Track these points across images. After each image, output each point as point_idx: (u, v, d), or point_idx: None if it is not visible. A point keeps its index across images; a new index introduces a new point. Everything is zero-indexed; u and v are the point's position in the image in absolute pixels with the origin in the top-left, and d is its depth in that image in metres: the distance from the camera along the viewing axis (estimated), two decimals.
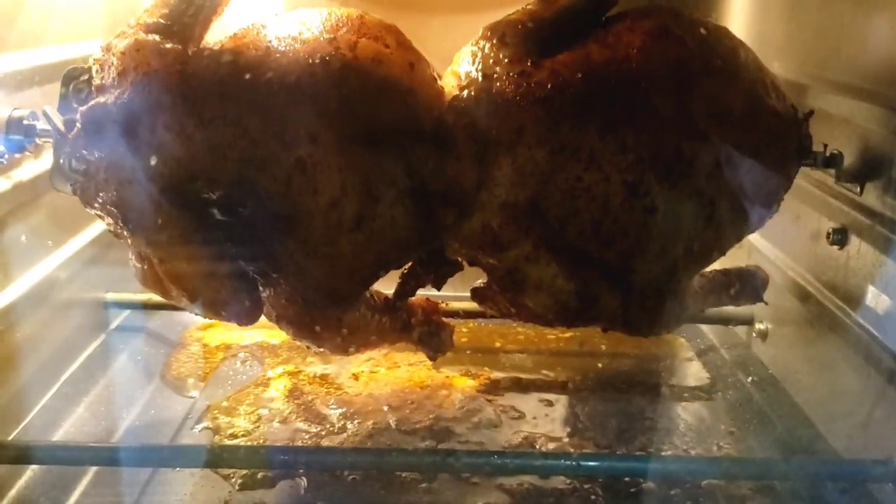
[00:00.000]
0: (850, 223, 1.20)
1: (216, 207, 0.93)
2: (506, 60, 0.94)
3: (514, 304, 1.04)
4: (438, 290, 1.12)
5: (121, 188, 0.91)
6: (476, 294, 1.11)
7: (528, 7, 0.99)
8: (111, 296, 1.49)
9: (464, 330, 1.57)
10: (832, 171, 1.17)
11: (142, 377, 1.39)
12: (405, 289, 1.11)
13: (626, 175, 0.91)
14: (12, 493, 1.06)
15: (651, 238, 0.95)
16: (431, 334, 1.21)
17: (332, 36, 0.91)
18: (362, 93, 0.89)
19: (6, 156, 1.10)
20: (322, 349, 1.09)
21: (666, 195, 0.93)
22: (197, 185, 0.90)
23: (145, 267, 1.03)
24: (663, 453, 1.20)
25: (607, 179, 0.92)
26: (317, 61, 0.88)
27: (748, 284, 1.22)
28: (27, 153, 1.15)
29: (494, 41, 0.96)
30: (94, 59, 0.97)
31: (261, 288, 1.03)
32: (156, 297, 1.54)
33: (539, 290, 0.98)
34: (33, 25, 1.20)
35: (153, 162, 0.89)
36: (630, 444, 1.23)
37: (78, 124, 0.93)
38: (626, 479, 1.12)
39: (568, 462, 1.02)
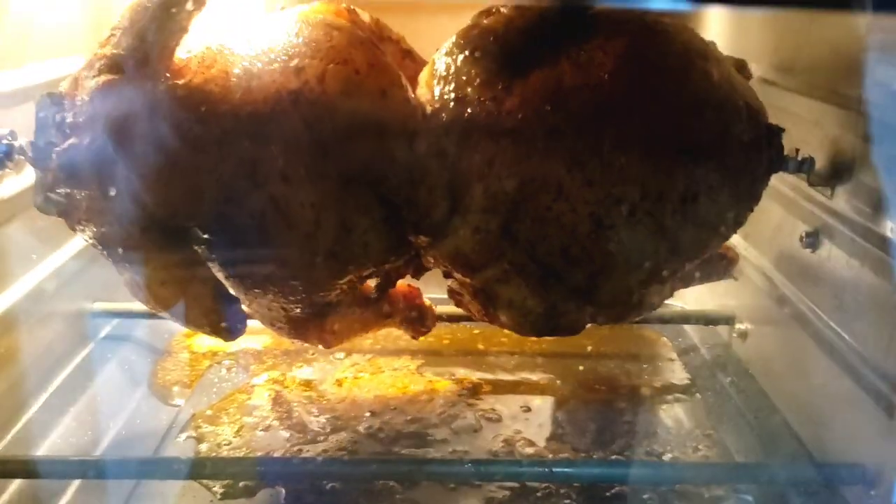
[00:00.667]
0: (821, 226, 1.22)
1: (196, 238, 0.94)
2: (478, 81, 0.93)
3: (487, 314, 1.06)
4: (417, 279, 1.14)
5: (100, 226, 0.93)
6: (451, 294, 1.12)
7: (502, 12, 0.97)
8: (98, 305, 1.51)
9: (446, 333, 1.60)
10: (804, 175, 1.18)
11: (129, 386, 1.41)
12: (385, 283, 1.13)
13: (593, 208, 0.92)
14: None
15: (616, 263, 0.96)
16: (413, 319, 1.23)
17: (300, 65, 0.90)
18: (333, 132, 0.89)
19: None
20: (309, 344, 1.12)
21: (631, 227, 0.93)
22: (176, 221, 0.92)
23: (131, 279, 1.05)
24: (638, 458, 1.22)
25: (574, 211, 0.92)
26: (285, 98, 0.88)
27: (717, 264, 1.22)
28: (8, 169, 1.17)
29: (467, 54, 0.95)
30: (65, 91, 0.97)
31: (245, 300, 1.05)
32: (142, 306, 1.58)
33: (510, 307, 1.00)
34: (14, 43, 1.21)
35: (130, 203, 0.90)
36: (608, 447, 1.25)
37: (54, 165, 0.95)
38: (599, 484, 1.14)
39: (542, 469, 1.04)
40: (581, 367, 1.50)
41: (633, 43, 0.96)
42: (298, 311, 1.05)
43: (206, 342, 1.56)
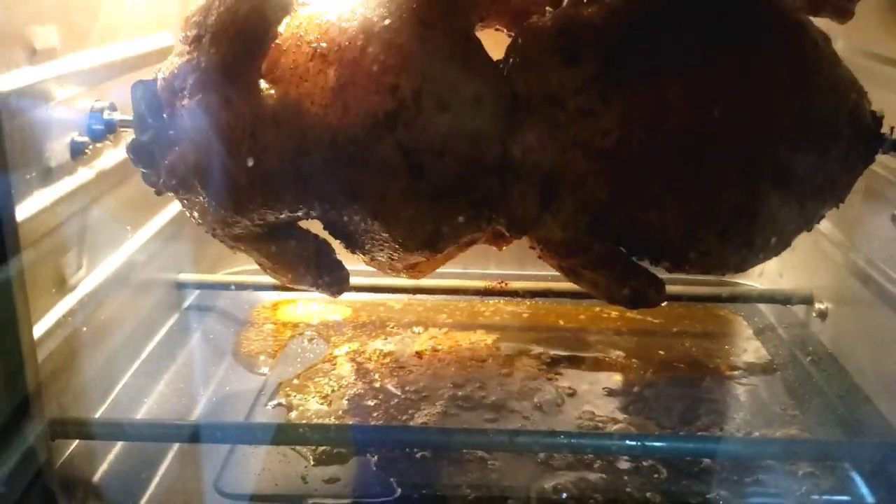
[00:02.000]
0: None
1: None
2: (573, 87, 0.87)
3: (570, 280, 1.06)
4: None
5: (204, 218, 0.97)
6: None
7: (604, 1, 0.89)
8: (183, 276, 1.55)
9: (524, 308, 1.61)
10: None
11: (215, 355, 1.45)
12: None
13: (686, 224, 0.90)
14: (103, 466, 1.12)
15: (709, 264, 0.96)
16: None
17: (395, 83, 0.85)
18: (428, 148, 0.86)
19: (90, 146, 1.15)
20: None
21: (721, 242, 0.92)
22: (281, 216, 0.95)
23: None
24: (725, 434, 1.22)
25: (666, 225, 0.91)
26: (382, 122, 0.85)
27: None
28: (108, 142, 1.20)
29: (562, 56, 0.88)
30: (161, 80, 0.96)
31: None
32: (225, 277, 1.62)
33: (595, 286, 1.00)
34: (111, 21, 1.24)
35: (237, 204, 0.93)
36: (692, 423, 1.25)
37: (163, 177, 0.97)
38: (688, 458, 1.15)
39: (634, 443, 1.05)
40: (659, 345, 1.50)
41: (746, 53, 0.88)
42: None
43: (285, 314, 1.59)
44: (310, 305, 1.63)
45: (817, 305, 1.51)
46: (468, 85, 0.86)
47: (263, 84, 0.90)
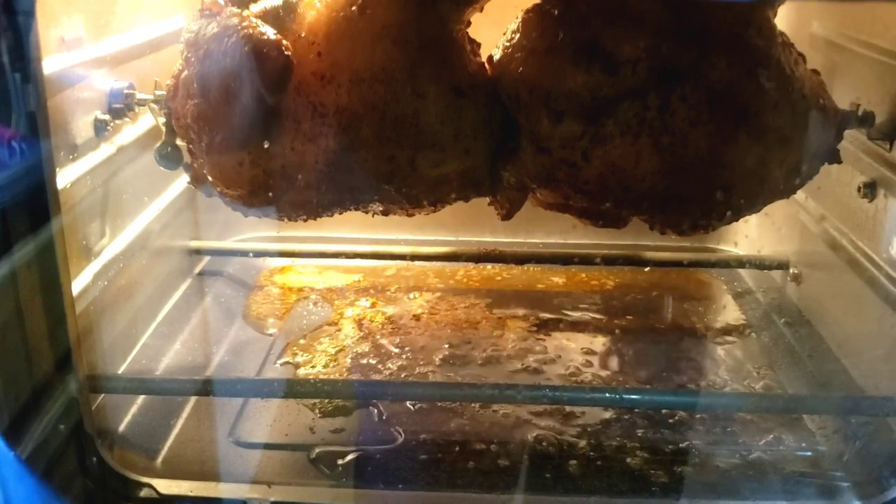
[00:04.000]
0: (879, 178, 1.29)
1: None
2: (558, 142, 1.01)
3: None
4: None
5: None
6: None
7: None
8: (194, 243, 1.64)
9: (514, 273, 1.71)
10: (863, 129, 1.25)
11: (226, 317, 1.55)
12: None
13: None
14: (127, 418, 1.22)
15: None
16: None
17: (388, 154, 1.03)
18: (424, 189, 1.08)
19: (111, 123, 1.23)
20: None
21: None
22: None
23: None
24: (700, 389, 1.33)
25: None
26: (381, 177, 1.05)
27: None
28: (126, 119, 1.28)
29: (548, 113, 1.01)
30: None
31: None
32: (233, 245, 1.71)
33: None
34: (130, 9, 1.33)
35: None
36: (669, 380, 1.35)
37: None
38: (664, 410, 1.25)
39: (613, 395, 1.15)
40: (641, 307, 1.60)
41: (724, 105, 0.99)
42: None
43: (292, 279, 1.69)
44: (313, 273, 1.72)
45: (792, 270, 1.60)
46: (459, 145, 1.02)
47: None
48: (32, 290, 0.89)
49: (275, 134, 1.01)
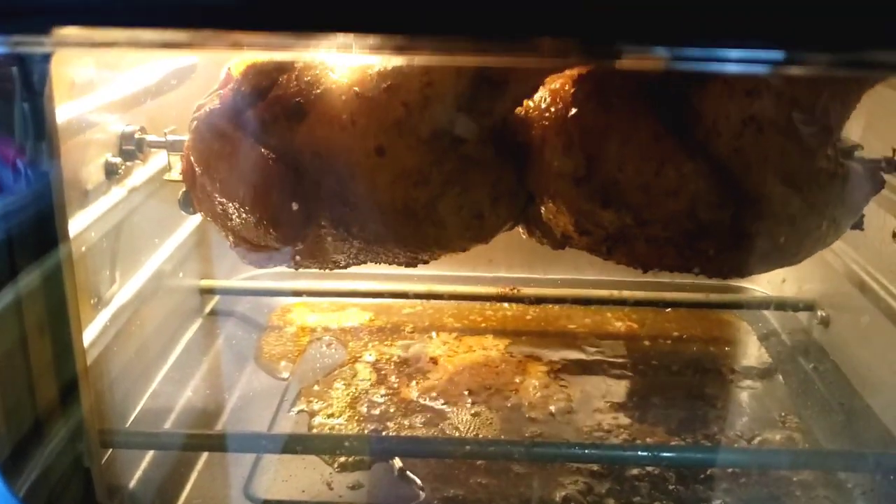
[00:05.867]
0: None
1: None
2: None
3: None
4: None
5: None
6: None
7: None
8: (205, 283, 1.60)
9: (531, 311, 1.66)
10: None
11: (237, 360, 1.50)
12: None
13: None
14: (138, 473, 1.18)
15: None
16: None
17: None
18: None
19: (123, 166, 1.19)
20: None
21: None
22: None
23: None
24: (728, 441, 1.28)
25: None
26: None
27: None
28: (138, 161, 1.24)
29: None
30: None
31: None
32: (244, 283, 1.67)
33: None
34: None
35: None
36: (697, 429, 1.31)
37: None
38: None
39: (646, 453, 1.10)
40: (665, 350, 1.56)
41: None
42: None
43: (304, 318, 1.64)
44: (326, 310, 1.68)
45: (819, 313, 1.56)
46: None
47: None
48: (42, 363, 0.84)
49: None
